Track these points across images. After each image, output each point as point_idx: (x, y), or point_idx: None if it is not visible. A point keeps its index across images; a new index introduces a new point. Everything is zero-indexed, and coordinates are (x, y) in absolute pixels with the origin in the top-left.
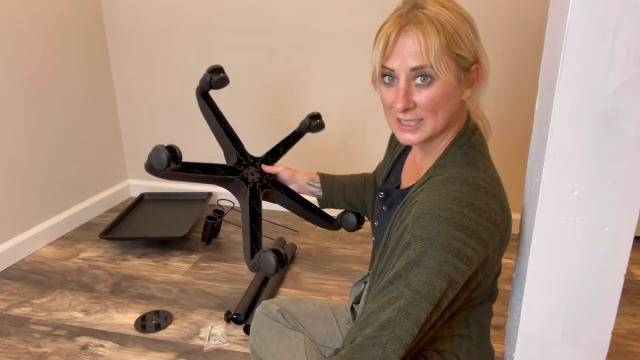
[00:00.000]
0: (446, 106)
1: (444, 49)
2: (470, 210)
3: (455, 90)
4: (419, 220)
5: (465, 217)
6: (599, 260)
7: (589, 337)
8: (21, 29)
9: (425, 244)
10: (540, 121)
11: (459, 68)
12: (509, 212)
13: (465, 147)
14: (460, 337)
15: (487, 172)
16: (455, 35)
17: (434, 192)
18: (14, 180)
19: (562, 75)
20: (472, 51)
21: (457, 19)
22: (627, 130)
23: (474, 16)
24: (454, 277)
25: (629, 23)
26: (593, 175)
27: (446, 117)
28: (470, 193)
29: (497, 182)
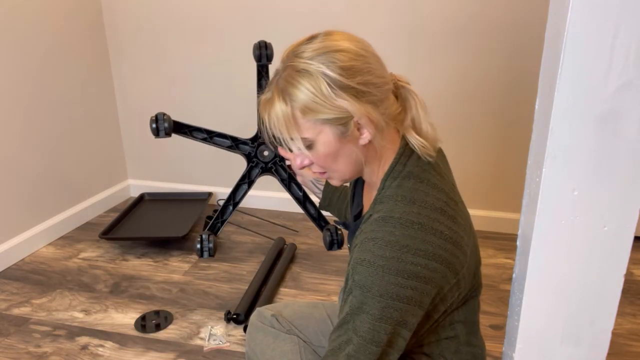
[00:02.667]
0: (338, 160)
1: (299, 116)
2: (403, 252)
3: (340, 145)
4: (357, 267)
5: (398, 260)
6: (599, 260)
7: (589, 337)
8: (21, 29)
9: (363, 291)
10: (540, 121)
11: (333, 126)
12: (456, 234)
13: (400, 179)
14: (447, 339)
15: (423, 202)
16: (307, 103)
17: (370, 236)
18: (14, 180)
19: (562, 75)
20: (333, 108)
21: (311, 82)
22: (627, 130)
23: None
24: (397, 318)
25: (629, 23)
26: (593, 175)
27: (347, 165)
28: (402, 234)
29: (436, 208)
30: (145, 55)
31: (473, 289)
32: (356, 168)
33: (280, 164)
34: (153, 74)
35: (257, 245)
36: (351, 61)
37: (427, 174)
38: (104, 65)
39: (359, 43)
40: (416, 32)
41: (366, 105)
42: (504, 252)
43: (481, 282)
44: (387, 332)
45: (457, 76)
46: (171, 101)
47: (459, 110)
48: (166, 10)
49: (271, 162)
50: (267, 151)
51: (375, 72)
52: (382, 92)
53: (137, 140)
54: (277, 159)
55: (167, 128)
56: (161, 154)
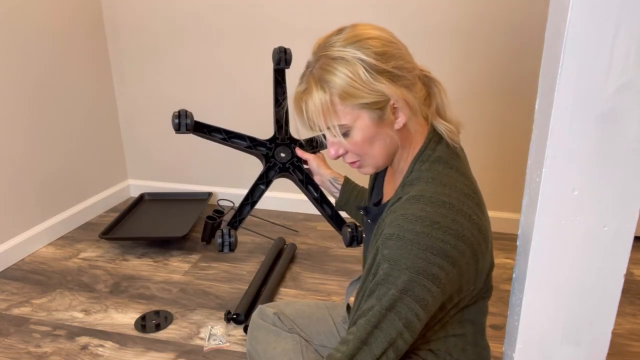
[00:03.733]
0: (374, 145)
1: (337, 103)
2: (434, 229)
3: (377, 129)
4: (386, 242)
5: (428, 236)
6: (599, 260)
7: (589, 337)
8: (22, 30)
9: (391, 264)
10: (540, 121)
11: (371, 110)
12: (482, 221)
13: (429, 162)
14: (454, 336)
15: (453, 186)
16: (345, 89)
17: (400, 213)
18: (14, 180)
19: (562, 75)
20: (372, 92)
21: (348, 67)
22: (627, 130)
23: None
24: (419, 295)
25: (629, 23)
26: (593, 175)
27: (383, 150)
28: (434, 211)
29: (465, 194)
30: (145, 55)
31: (485, 290)
32: (390, 154)
33: (297, 164)
34: (153, 74)
35: (257, 245)
36: (384, 47)
37: (454, 162)
38: (104, 65)
39: (386, 31)
40: (416, 31)
41: (402, 89)
42: (504, 252)
43: (492, 285)
44: (407, 306)
45: (457, 76)
46: (171, 101)
47: (459, 110)
48: (166, 10)
49: (288, 162)
50: (284, 152)
51: (406, 58)
52: (413, 77)
53: (137, 140)
54: (294, 159)
55: (188, 124)
56: (161, 154)
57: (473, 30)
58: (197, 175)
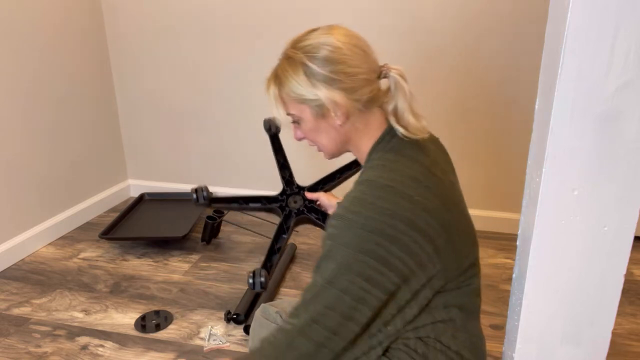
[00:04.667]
0: (320, 135)
1: (285, 97)
2: (369, 209)
3: (319, 123)
4: (330, 222)
5: (364, 216)
6: (599, 260)
7: (589, 337)
8: (21, 29)
9: (332, 241)
10: (540, 121)
11: (312, 107)
12: (431, 203)
13: (382, 152)
14: (442, 322)
15: (399, 170)
16: (290, 85)
17: (345, 197)
18: (14, 180)
19: (562, 75)
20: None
21: (293, 69)
22: (627, 130)
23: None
24: (359, 270)
25: (629, 23)
26: (593, 175)
27: (328, 141)
28: (371, 193)
29: (412, 177)
30: (145, 55)
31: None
32: (338, 144)
33: (310, 206)
34: (153, 73)
35: (257, 245)
36: (326, 52)
37: (408, 150)
38: (104, 65)
39: (346, 38)
40: (416, 31)
41: (336, 92)
42: (504, 252)
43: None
44: (349, 280)
45: (457, 76)
46: (171, 101)
47: (459, 109)
48: (166, 10)
49: (302, 207)
50: (295, 200)
51: (350, 63)
52: (356, 81)
53: (137, 140)
54: (306, 202)
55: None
56: (161, 154)
57: (473, 30)
58: (197, 175)
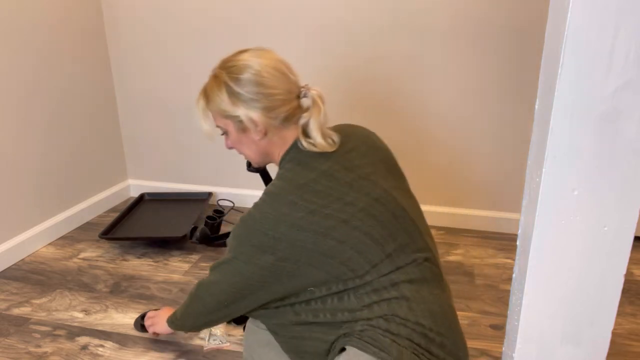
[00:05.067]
0: (244, 147)
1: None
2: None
3: (241, 136)
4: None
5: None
6: (599, 260)
7: (589, 337)
8: (21, 28)
9: (231, 237)
10: (540, 121)
11: (234, 122)
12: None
13: (284, 162)
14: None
15: (287, 179)
16: (215, 101)
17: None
18: (13, 180)
19: (562, 75)
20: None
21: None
22: (627, 130)
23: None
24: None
25: (629, 23)
26: (593, 175)
27: (252, 152)
28: (262, 200)
29: (300, 185)
30: (145, 55)
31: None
32: (259, 156)
33: None
34: (153, 73)
35: None
36: (246, 75)
37: (308, 159)
38: (104, 64)
39: (268, 61)
40: (416, 32)
41: (254, 111)
42: (504, 252)
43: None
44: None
45: (457, 76)
46: (171, 101)
47: (459, 110)
48: (166, 9)
49: None
50: None
51: (269, 85)
52: (273, 101)
53: (137, 140)
54: None
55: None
56: (161, 154)
57: (473, 30)
58: (197, 175)
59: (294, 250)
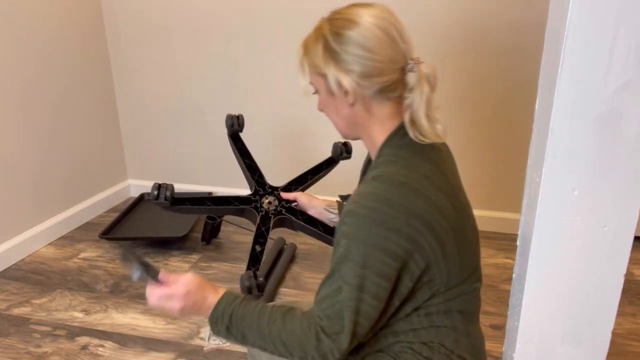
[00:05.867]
0: (331, 111)
1: (307, 65)
2: (385, 204)
3: (330, 99)
4: (344, 218)
5: (380, 211)
6: (599, 260)
7: (589, 337)
8: (21, 28)
9: (348, 239)
10: (540, 121)
11: (325, 80)
12: (443, 204)
13: (395, 148)
14: (445, 327)
15: (413, 168)
16: (310, 54)
17: (358, 191)
18: (14, 180)
19: (562, 75)
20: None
21: (316, 39)
22: (627, 130)
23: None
24: (379, 267)
25: (629, 23)
26: (593, 175)
27: (339, 119)
28: (387, 189)
29: (427, 177)
30: (145, 54)
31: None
32: (347, 126)
33: (287, 206)
34: (153, 73)
35: None
36: (350, 32)
37: (422, 149)
38: (104, 64)
39: (378, 20)
40: (416, 32)
41: (344, 73)
42: (504, 252)
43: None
44: (371, 280)
45: (457, 76)
46: (171, 101)
47: (459, 110)
48: (166, 10)
49: (279, 207)
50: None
51: (371, 48)
52: (370, 67)
53: (137, 140)
54: (283, 202)
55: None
56: (161, 153)
57: (473, 30)
58: (197, 175)
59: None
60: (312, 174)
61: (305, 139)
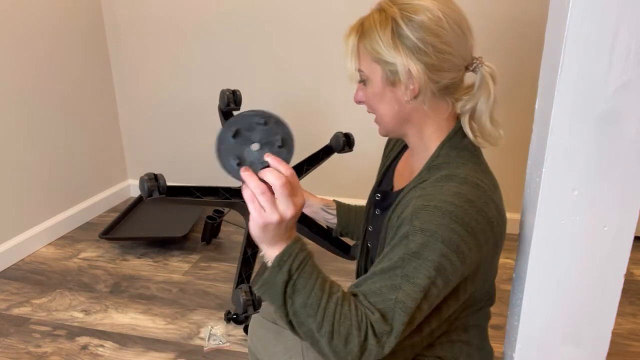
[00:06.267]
0: (382, 104)
1: (362, 50)
2: (470, 206)
3: (385, 89)
4: (419, 212)
5: (465, 212)
6: (599, 260)
7: (589, 337)
8: (21, 28)
9: (425, 234)
10: (540, 121)
11: (385, 69)
12: (505, 216)
13: (458, 150)
14: (460, 342)
15: (484, 174)
16: (372, 39)
17: (433, 188)
18: (14, 180)
19: (562, 75)
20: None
21: (382, 23)
22: (627, 130)
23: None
24: (449, 272)
25: (629, 23)
26: (593, 175)
27: (389, 113)
28: (469, 191)
29: (495, 185)
30: (145, 54)
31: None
32: (397, 121)
33: None
34: (153, 73)
35: None
36: (424, 18)
37: (479, 153)
38: (104, 65)
39: (451, 11)
40: None
41: (416, 62)
42: (504, 252)
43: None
44: (437, 285)
45: None
46: (171, 101)
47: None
48: (166, 9)
49: None
50: None
51: (443, 38)
52: (442, 60)
53: (137, 140)
54: None
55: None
56: (161, 153)
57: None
58: (197, 175)
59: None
60: (308, 164)
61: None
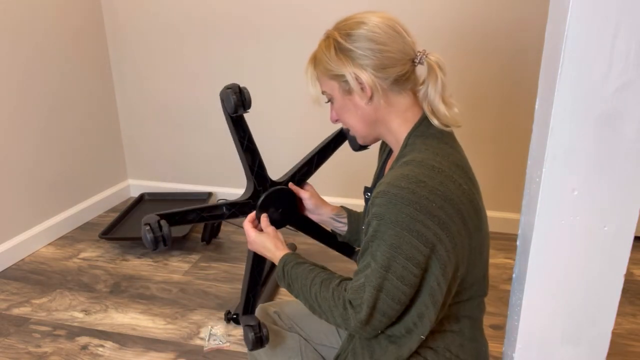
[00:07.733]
0: (348, 114)
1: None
2: (419, 186)
3: (346, 100)
4: (374, 200)
5: (412, 192)
6: (599, 260)
7: (589, 337)
8: (21, 29)
9: (378, 219)
10: (540, 121)
11: (339, 82)
12: (473, 194)
13: (424, 137)
14: (451, 332)
15: (445, 155)
16: (322, 61)
17: (389, 175)
18: (14, 180)
19: (562, 75)
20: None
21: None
22: (627, 130)
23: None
24: (409, 252)
25: (629, 23)
26: (593, 175)
27: (356, 120)
28: (421, 172)
29: (457, 165)
30: (145, 55)
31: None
32: (366, 125)
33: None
34: (153, 74)
35: None
36: (359, 30)
37: (449, 139)
38: (104, 65)
39: (383, 19)
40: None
41: (360, 68)
42: (504, 252)
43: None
44: (398, 262)
45: (458, 76)
46: (171, 101)
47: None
48: (166, 10)
49: None
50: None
51: (378, 40)
52: (383, 58)
53: (137, 140)
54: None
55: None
56: (161, 154)
57: (473, 31)
58: (197, 175)
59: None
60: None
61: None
